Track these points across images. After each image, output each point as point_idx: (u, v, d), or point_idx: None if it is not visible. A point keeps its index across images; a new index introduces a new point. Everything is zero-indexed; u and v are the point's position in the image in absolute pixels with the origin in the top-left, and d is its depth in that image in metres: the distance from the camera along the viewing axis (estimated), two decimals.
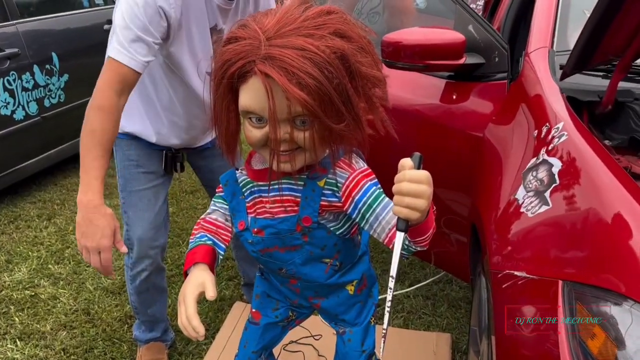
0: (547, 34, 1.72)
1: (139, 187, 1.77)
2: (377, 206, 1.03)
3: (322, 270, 1.20)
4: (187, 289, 1.07)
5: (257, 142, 1.00)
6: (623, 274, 0.93)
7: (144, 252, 1.80)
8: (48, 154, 3.51)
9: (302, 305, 1.35)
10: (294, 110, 0.92)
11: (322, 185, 1.08)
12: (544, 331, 1.01)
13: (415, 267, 2.64)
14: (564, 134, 1.26)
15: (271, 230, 1.14)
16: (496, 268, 1.20)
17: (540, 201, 1.18)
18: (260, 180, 1.13)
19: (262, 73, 0.90)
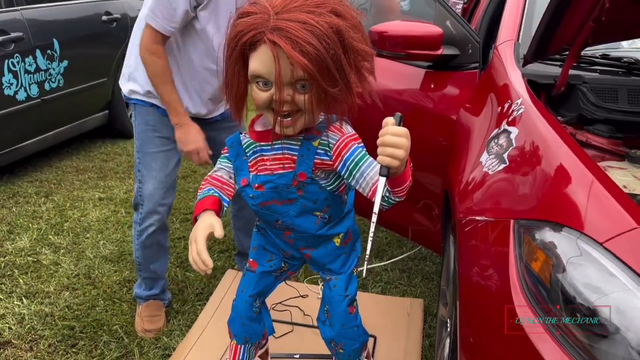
0: (514, 29, 1.96)
1: (153, 149, 1.97)
2: (362, 164, 1.24)
3: (313, 222, 1.41)
4: (197, 230, 1.25)
5: (263, 104, 1.20)
6: (559, 208, 1.15)
7: (153, 208, 2.00)
8: (46, 136, 3.66)
9: (294, 256, 1.54)
10: (296, 74, 1.13)
11: (317, 145, 1.29)
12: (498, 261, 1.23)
13: (393, 246, 2.85)
14: (522, 108, 1.49)
15: (270, 185, 1.34)
16: (461, 216, 1.42)
17: (500, 161, 1.41)
18: (262, 141, 1.33)
19: (270, 42, 1.10)
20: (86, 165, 3.91)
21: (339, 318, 1.49)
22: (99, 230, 2.93)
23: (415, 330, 2.14)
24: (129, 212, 3.15)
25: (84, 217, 3.08)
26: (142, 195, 2.01)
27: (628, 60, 1.69)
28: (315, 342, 2.05)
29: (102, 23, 4.17)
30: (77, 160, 4.02)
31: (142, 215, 2.04)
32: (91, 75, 4.03)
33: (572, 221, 1.11)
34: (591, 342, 0.99)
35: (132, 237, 2.84)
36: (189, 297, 2.37)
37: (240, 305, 1.57)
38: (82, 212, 3.14)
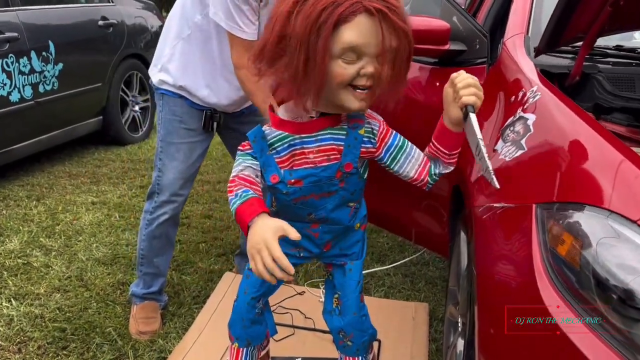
0: (523, 23, 1.92)
1: (178, 140, 1.94)
2: (406, 147, 1.29)
3: (347, 213, 1.35)
4: (266, 235, 1.05)
5: (348, 79, 1.12)
6: (585, 188, 1.09)
7: (169, 197, 1.97)
8: (39, 139, 3.58)
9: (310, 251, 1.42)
10: (394, 44, 1.11)
11: (363, 134, 1.25)
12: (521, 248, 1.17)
13: (395, 250, 2.78)
14: (537, 94, 1.44)
15: (312, 179, 1.25)
16: (477, 204, 1.35)
17: (517, 148, 1.35)
18: (304, 132, 1.23)
19: (377, 10, 1.07)
20: (79, 171, 3.83)
21: (351, 305, 1.43)
22: (91, 234, 2.83)
23: (421, 334, 2.06)
24: (123, 216, 3.07)
25: (77, 220, 2.99)
26: (160, 183, 1.98)
27: None
28: (317, 345, 1.97)
29: (99, 28, 4.12)
30: (69, 166, 3.93)
31: (156, 204, 1.99)
32: (86, 80, 3.97)
33: (600, 200, 1.06)
34: (628, 327, 0.93)
35: (126, 240, 2.76)
36: (185, 300, 2.28)
37: (242, 307, 1.48)
38: (75, 215, 3.05)
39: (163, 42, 1.93)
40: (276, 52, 1.14)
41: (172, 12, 1.92)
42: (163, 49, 1.92)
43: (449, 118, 1.23)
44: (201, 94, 1.90)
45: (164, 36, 1.93)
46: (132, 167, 3.97)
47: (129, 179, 3.71)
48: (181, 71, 1.88)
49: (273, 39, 1.13)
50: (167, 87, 1.92)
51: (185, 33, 1.85)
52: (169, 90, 1.92)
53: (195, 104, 1.92)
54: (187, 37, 1.85)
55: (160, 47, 1.94)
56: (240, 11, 1.65)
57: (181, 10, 1.86)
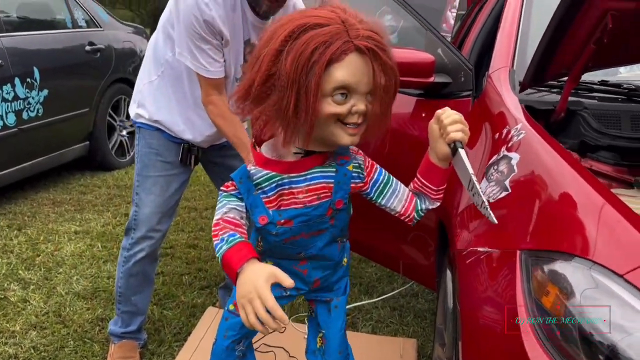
0: (508, 56, 1.90)
1: (154, 173, 1.90)
2: (392, 182, 1.28)
3: (336, 249, 1.33)
4: (257, 283, 1.00)
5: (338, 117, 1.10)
6: (569, 236, 1.05)
7: (146, 233, 1.92)
8: (22, 167, 3.52)
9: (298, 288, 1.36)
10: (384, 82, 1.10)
11: (351, 169, 1.24)
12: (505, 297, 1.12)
13: (383, 281, 2.73)
14: (522, 132, 1.41)
15: (302, 218, 1.21)
16: (461, 247, 1.31)
17: (501, 189, 1.31)
18: (293, 172, 1.19)
19: (366, 48, 1.06)
20: (63, 198, 3.77)
21: (336, 343, 1.39)
22: (72, 265, 2.77)
23: None
24: (105, 246, 3.00)
25: (58, 251, 2.93)
26: (137, 219, 1.93)
27: (628, 87, 1.63)
28: None
29: (86, 53, 4.09)
30: (54, 193, 3.87)
31: (132, 240, 1.94)
32: (72, 106, 3.93)
33: (586, 251, 1.02)
34: None
35: (107, 272, 2.69)
36: (166, 337, 2.22)
37: (221, 351, 1.41)
38: (56, 245, 2.99)
39: (140, 78, 1.93)
40: (263, 90, 1.11)
41: (147, 48, 1.93)
42: (139, 85, 1.92)
43: (436, 154, 1.22)
44: (176, 129, 1.88)
45: (141, 72, 1.94)
46: (118, 193, 3.91)
47: (114, 206, 3.65)
48: (156, 107, 1.87)
49: (260, 77, 1.09)
50: (143, 121, 1.91)
51: (159, 70, 1.85)
52: (145, 123, 1.91)
53: (172, 136, 1.90)
54: (161, 74, 1.84)
55: (137, 82, 1.94)
56: (202, 51, 1.65)
57: (154, 47, 1.86)
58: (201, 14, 1.59)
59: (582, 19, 1.38)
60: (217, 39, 1.66)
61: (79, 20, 4.21)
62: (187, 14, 1.61)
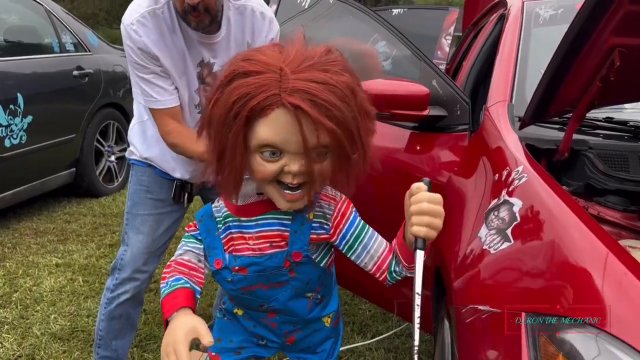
0: (506, 89, 1.81)
1: (143, 211, 1.82)
2: (364, 236, 1.10)
3: (305, 305, 1.20)
4: (177, 336, 0.95)
5: (270, 177, 1.00)
6: (581, 302, 0.95)
7: (131, 274, 1.82)
8: (3, 196, 3.40)
9: (272, 341, 1.29)
10: (321, 141, 0.96)
11: (312, 218, 1.10)
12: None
13: (377, 320, 2.61)
14: (523, 176, 1.31)
15: (256, 267, 1.11)
16: (460, 303, 1.20)
17: (502, 238, 1.21)
18: (243, 216, 1.12)
19: (291, 105, 0.92)
20: (47, 227, 3.64)
21: None
22: (51, 302, 2.63)
23: None
24: (87, 280, 2.87)
25: (36, 286, 2.79)
26: (123, 258, 1.83)
27: (635, 124, 1.54)
28: None
29: (73, 78, 4.00)
30: (37, 221, 3.74)
31: (117, 280, 1.83)
32: (58, 132, 3.82)
33: (598, 316, 0.92)
34: None
35: (87, 310, 2.56)
36: None
37: None
38: (35, 280, 2.85)
39: (134, 117, 1.88)
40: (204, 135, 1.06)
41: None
42: (132, 123, 1.87)
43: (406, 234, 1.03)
44: (166, 166, 1.81)
45: (134, 111, 1.87)
46: (104, 222, 3.78)
47: (99, 236, 3.52)
48: (146, 145, 1.81)
49: (201, 122, 1.06)
50: (135, 157, 1.85)
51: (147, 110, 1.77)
52: (137, 159, 1.84)
53: (164, 173, 1.82)
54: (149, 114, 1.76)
55: (132, 121, 1.89)
56: (147, 82, 1.61)
57: None
58: (133, 42, 1.56)
59: (588, 55, 1.29)
60: (158, 65, 1.59)
61: (67, 44, 4.13)
62: (125, 47, 1.60)
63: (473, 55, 2.77)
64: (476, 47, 2.81)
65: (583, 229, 1.08)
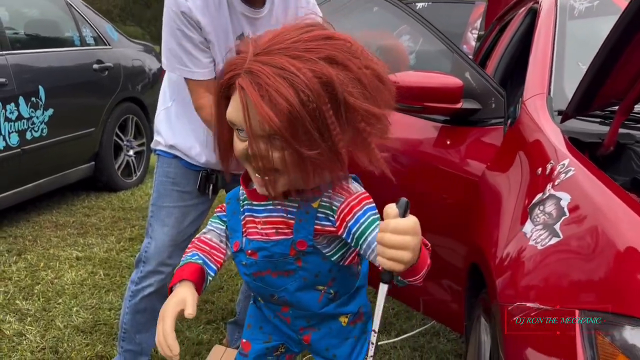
0: (544, 82, 1.76)
1: (169, 203, 1.80)
2: (369, 234, 1.01)
3: (315, 298, 1.16)
4: (167, 306, 1.06)
5: (240, 155, 1.02)
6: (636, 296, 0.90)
7: (156, 267, 1.80)
8: (24, 188, 3.40)
9: (292, 338, 1.29)
10: (266, 128, 0.92)
11: (316, 207, 1.07)
12: None
13: (401, 318, 2.57)
14: (570, 170, 1.27)
15: (265, 253, 1.12)
16: (506, 301, 1.16)
17: (550, 233, 1.16)
18: (255, 200, 1.12)
19: (239, 86, 0.93)
20: (66, 220, 3.63)
21: None
22: (72, 295, 2.62)
23: None
24: (108, 273, 2.86)
25: (58, 279, 2.78)
26: (147, 251, 1.81)
27: None
28: None
29: (93, 72, 3.99)
30: (57, 215, 3.74)
31: (142, 273, 1.82)
32: (78, 125, 3.82)
33: None
34: None
35: (109, 304, 2.55)
36: None
37: None
38: (57, 273, 2.84)
39: (158, 107, 1.85)
40: None
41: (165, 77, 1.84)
42: (157, 113, 1.84)
43: None
44: (193, 152, 1.77)
45: (159, 101, 1.85)
46: (123, 216, 3.78)
47: (118, 229, 3.51)
48: (171, 132, 1.78)
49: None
50: (161, 148, 1.81)
51: (174, 95, 1.76)
52: (163, 150, 1.81)
53: (190, 164, 1.78)
54: (175, 98, 1.75)
55: (157, 111, 1.86)
56: (185, 51, 1.55)
57: (167, 73, 1.79)
58: (177, 6, 1.51)
59: (638, 46, 1.24)
60: (199, 34, 1.54)
61: (87, 37, 4.13)
62: (167, 11, 1.54)
63: (500, 49, 2.71)
64: (503, 41, 2.75)
65: (638, 223, 1.03)
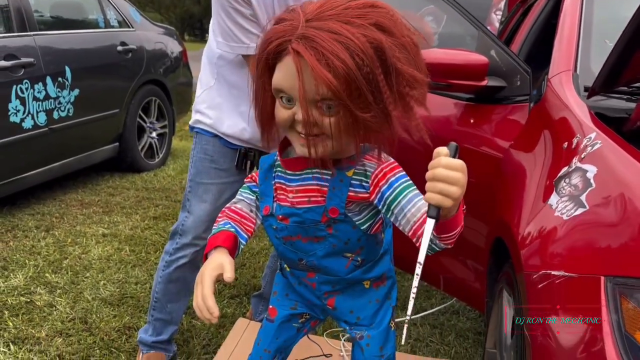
0: (570, 59, 1.76)
1: (207, 180, 1.83)
2: (402, 198, 1.04)
3: (342, 264, 1.19)
4: (205, 270, 1.08)
5: (284, 123, 1.03)
6: None
7: (193, 240, 1.85)
8: (51, 167, 3.48)
9: (316, 305, 1.32)
10: (321, 92, 0.94)
11: (351, 175, 1.09)
12: (587, 330, 0.99)
13: (421, 297, 2.59)
14: (597, 143, 1.27)
15: (296, 218, 1.14)
16: (531, 270, 1.18)
17: (576, 204, 1.17)
18: (288, 169, 1.15)
19: (294, 51, 0.94)
20: (92, 199, 3.71)
21: None
22: (100, 269, 2.69)
23: None
24: (134, 250, 2.93)
25: (85, 254, 2.86)
26: (184, 224, 1.85)
27: None
28: None
29: (117, 53, 4.05)
30: (82, 194, 3.82)
31: (177, 245, 1.86)
32: (103, 106, 3.88)
33: None
34: None
35: (135, 278, 2.61)
36: (194, 349, 2.11)
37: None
38: (84, 248, 2.92)
39: (199, 88, 1.87)
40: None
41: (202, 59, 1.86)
42: (199, 93, 1.87)
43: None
44: (235, 130, 1.79)
45: (199, 81, 1.88)
46: (147, 196, 3.84)
47: (143, 209, 3.58)
48: (214, 111, 1.80)
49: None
50: (201, 126, 1.84)
51: (215, 74, 1.78)
52: (202, 128, 1.84)
53: (229, 143, 1.81)
54: (217, 77, 1.77)
55: (197, 92, 1.89)
56: (238, 26, 1.58)
57: (207, 53, 1.81)
58: None
59: None
60: (249, 7, 1.57)
61: (112, 20, 4.18)
62: None
63: (525, 30, 2.69)
64: (528, 22, 2.73)
65: None
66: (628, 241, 1.02)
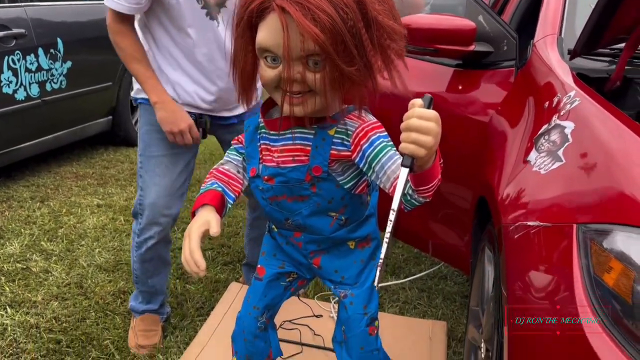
0: (556, 23, 1.78)
1: (157, 152, 1.76)
2: (383, 155, 1.06)
3: (327, 223, 1.23)
4: (192, 227, 1.12)
5: (270, 83, 1.04)
6: (633, 207, 0.95)
7: (154, 218, 1.78)
8: (45, 139, 3.49)
9: (302, 264, 1.36)
10: (307, 47, 0.95)
11: (333, 134, 1.12)
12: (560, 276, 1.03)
13: (410, 262, 2.64)
14: (575, 100, 1.30)
15: (281, 178, 1.17)
16: (508, 222, 1.22)
17: (553, 159, 1.21)
18: (271, 129, 1.17)
19: (279, 7, 0.94)
20: (86, 172, 3.74)
21: (357, 340, 1.28)
22: (95, 238, 2.73)
23: (439, 355, 1.92)
24: (128, 219, 2.96)
25: (80, 223, 2.89)
26: (142, 203, 1.79)
27: None
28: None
29: None
30: (77, 166, 3.84)
31: (141, 225, 1.81)
32: (95, 79, 3.87)
33: None
34: None
35: (130, 246, 2.65)
36: (188, 311, 2.16)
37: (245, 317, 1.38)
38: (79, 218, 2.95)
39: None
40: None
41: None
42: None
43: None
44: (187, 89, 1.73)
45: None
46: None
47: None
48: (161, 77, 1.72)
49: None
50: (142, 95, 1.75)
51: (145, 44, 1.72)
52: (144, 97, 1.74)
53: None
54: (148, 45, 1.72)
55: None
56: None
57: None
58: None
59: None
60: None
61: None
62: None
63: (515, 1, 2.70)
64: None
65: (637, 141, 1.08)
66: (599, 190, 1.06)
